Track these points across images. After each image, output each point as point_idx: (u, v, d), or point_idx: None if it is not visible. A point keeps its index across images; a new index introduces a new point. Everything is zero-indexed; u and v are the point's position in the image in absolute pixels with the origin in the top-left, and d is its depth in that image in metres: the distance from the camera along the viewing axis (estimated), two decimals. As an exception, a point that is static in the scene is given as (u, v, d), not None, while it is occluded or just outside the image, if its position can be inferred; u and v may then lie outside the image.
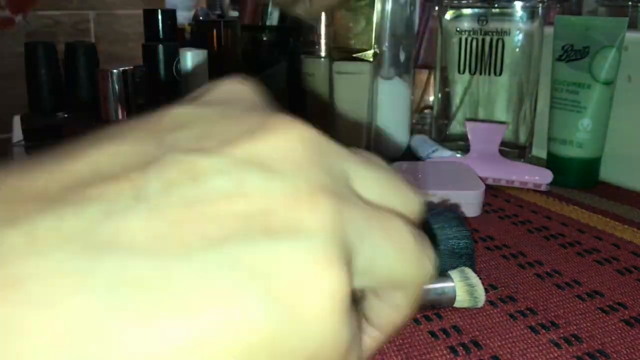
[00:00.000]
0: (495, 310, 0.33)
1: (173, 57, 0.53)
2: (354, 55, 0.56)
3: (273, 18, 0.69)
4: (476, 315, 0.32)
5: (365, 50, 0.56)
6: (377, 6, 0.56)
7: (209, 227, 0.11)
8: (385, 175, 0.15)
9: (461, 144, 0.62)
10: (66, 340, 0.10)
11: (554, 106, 0.56)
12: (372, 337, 0.16)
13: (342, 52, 0.57)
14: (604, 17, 0.61)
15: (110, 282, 0.10)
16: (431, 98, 0.74)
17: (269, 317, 0.11)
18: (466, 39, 0.60)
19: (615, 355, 0.29)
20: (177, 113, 0.14)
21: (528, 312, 0.33)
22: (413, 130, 0.67)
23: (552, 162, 0.56)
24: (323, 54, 0.61)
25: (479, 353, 0.29)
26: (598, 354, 0.29)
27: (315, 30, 0.61)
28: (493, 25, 0.59)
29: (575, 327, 0.31)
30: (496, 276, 0.37)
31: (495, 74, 0.60)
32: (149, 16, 0.57)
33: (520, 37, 0.58)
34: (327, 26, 0.60)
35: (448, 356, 0.29)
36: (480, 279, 0.36)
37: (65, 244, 0.10)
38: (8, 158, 0.55)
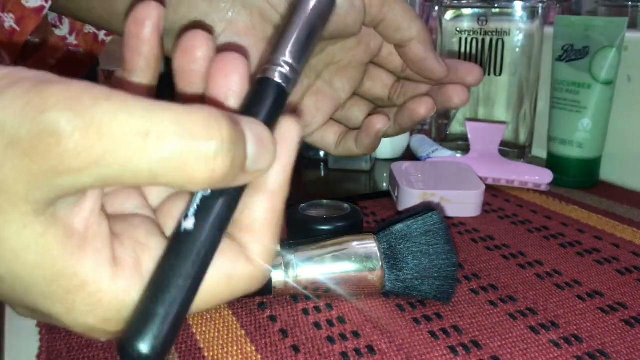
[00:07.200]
0: (495, 310, 0.33)
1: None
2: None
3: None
4: (476, 315, 0.32)
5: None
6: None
7: None
8: None
9: (461, 144, 0.62)
10: None
11: (554, 106, 0.56)
12: None
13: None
14: (604, 17, 0.61)
15: None
16: (431, 98, 0.74)
17: None
18: (466, 39, 0.60)
19: (615, 355, 0.29)
20: None
21: (528, 312, 0.33)
22: (413, 130, 0.67)
23: (552, 162, 0.56)
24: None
25: (479, 353, 0.29)
26: (598, 354, 0.29)
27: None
28: (493, 25, 0.59)
29: (575, 327, 0.31)
30: (496, 276, 0.37)
31: (495, 74, 0.60)
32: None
33: (520, 37, 0.58)
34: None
35: (448, 356, 0.29)
36: (479, 278, 0.36)
37: None
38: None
